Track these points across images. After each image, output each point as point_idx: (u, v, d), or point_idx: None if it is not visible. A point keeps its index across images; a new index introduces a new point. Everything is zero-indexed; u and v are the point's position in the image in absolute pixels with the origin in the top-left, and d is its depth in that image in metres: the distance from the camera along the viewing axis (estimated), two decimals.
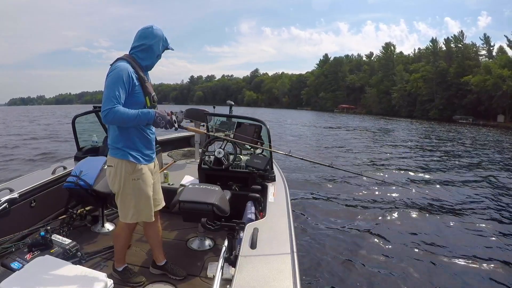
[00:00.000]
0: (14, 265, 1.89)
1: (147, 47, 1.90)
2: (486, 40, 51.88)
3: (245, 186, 2.97)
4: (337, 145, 13.76)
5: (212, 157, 3.13)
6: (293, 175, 7.02)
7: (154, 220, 2.03)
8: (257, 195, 2.44)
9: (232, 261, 1.80)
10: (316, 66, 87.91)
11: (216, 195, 2.27)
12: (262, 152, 3.27)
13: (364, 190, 6.30)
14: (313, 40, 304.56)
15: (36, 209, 2.63)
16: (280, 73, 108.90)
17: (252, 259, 1.51)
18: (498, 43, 62.37)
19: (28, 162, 8.66)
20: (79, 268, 1.73)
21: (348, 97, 73.69)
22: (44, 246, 2.03)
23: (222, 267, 1.75)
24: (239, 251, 1.63)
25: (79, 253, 2.13)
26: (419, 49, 67.89)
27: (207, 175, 3.11)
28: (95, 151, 3.45)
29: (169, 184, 3.32)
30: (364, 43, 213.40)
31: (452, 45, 53.17)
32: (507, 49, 47.22)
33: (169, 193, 2.53)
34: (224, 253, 1.89)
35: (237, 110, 6.24)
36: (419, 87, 53.03)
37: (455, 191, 6.67)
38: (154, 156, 2.05)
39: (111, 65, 1.84)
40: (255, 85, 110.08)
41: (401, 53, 69.96)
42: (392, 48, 69.28)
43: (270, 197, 2.47)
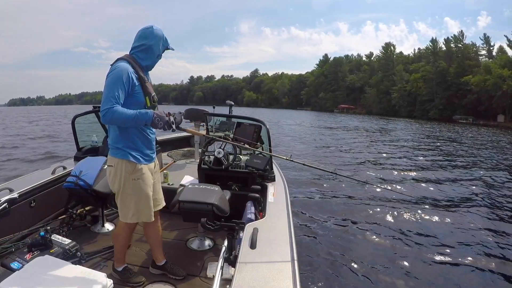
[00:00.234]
0: (14, 265, 1.89)
1: (147, 47, 1.90)
2: (486, 40, 51.95)
3: (244, 186, 2.97)
4: (338, 146, 13.75)
5: (212, 157, 3.13)
6: (293, 175, 7.02)
7: (154, 220, 2.03)
8: (257, 195, 2.44)
9: (231, 261, 1.80)
10: (316, 66, 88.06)
11: (215, 195, 2.27)
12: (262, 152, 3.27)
13: (364, 190, 6.29)
14: (313, 40, 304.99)
15: (36, 209, 2.62)
16: (280, 73, 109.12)
17: (252, 259, 1.51)
18: (498, 43, 62.45)
19: (28, 162, 8.66)
20: (79, 268, 1.73)
21: (348, 97, 73.67)
22: (44, 246, 2.03)
23: (222, 267, 1.74)
24: (238, 251, 1.63)
25: (78, 253, 2.14)
26: (419, 49, 68.09)
27: (206, 175, 3.11)
28: (94, 151, 3.45)
29: (168, 184, 3.32)
30: (363, 43, 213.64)
31: (452, 45, 53.18)
32: (507, 49, 47.39)
33: (169, 193, 2.53)
34: (223, 253, 1.88)
35: (237, 110, 6.24)
36: (419, 87, 53.05)
37: (459, 191, 6.64)
38: (154, 156, 2.05)
39: (112, 65, 1.84)
40: (255, 85, 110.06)
41: (401, 53, 70.09)
42: (392, 48, 69.38)
43: (270, 197, 2.46)
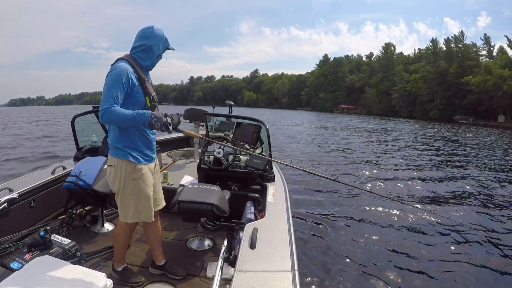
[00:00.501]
0: (14, 265, 1.89)
1: (147, 47, 1.90)
2: (487, 40, 51.99)
3: (244, 186, 2.97)
4: (338, 147, 13.73)
5: (211, 157, 3.13)
6: (292, 175, 7.00)
7: (154, 220, 2.03)
8: (257, 195, 2.44)
9: (231, 261, 1.81)
10: (316, 66, 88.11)
11: (215, 195, 2.27)
12: (262, 151, 3.27)
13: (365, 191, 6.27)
14: (313, 40, 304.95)
15: (36, 209, 2.62)
16: (280, 73, 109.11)
17: (252, 259, 1.51)
18: (498, 43, 62.50)
19: (28, 162, 8.65)
20: (79, 268, 1.73)
21: (348, 98, 73.68)
22: (43, 246, 2.03)
23: (222, 267, 1.74)
24: (238, 251, 1.63)
25: (78, 253, 2.14)
26: (419, 49, 68.08)
27: (206, 175, 3.12)
28: (94, 151, 3.46)
29: (168, 184, 3.32)
30: (363, 43, 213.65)
31: (452, 45, 53.20)
32: (507, 49, 47.41)
33: (169, 193, 2.53)
34: (223, 253, 1.88)
35: (236, 111, 6.23)
36: (419, 87, 53.08)
37: (459, 192, 6.63)
38: (154, 156, 2.05)
39: (112, 65, 1.85)
40: (255, 85, 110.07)
41: (401, 53, 70.13)
42: (392, 48, 69.41)
43: (270, 197, 2.46)
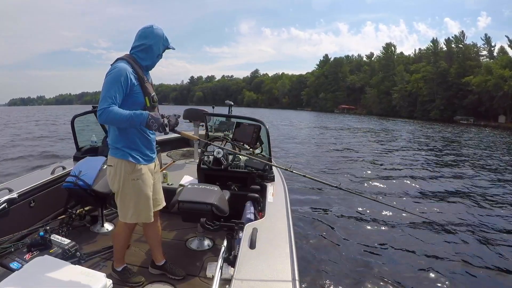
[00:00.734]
0: (13, 265, 1.89)
1: (147, 47, 1.89)
2: (487, 40, 51.96)
3: (244, 186, 2.97)
4: (338, 146, 13.74)
5: (211, 157, 3.13)
6: (292, 175, 6.97)
7: (153, 220, 2.03)
8: (256, 195, 2.44)
9: (231, 261, 1.81)
10: (316, 66, 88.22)
11: (215, 195, 2.27)
12: (261, 152, 3.27)
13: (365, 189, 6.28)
14: (313, 41, 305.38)
15: (35, 209, 2.62)
16: (280, 73, 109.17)
17: (251, 259, 1.51)
18: (498, 43, 62.25)
19: (27, 162, 8.65)
20: (78, 268, 1.72)
21: (348, 98, 73.69)
22: (43, 246, 2.03)
23: (221, 267, 1.74)
24: (238, 251, 1.63)
25: (78, 253, 2.13)
26: (419, 49, 68.05)
27: (206, 175, 3.11)
28: (94, 151, 3.45)
29: (168, 184, 3.32)
30: (364, 43, 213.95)
31: (453, 46, 53.20)
32: (508, 50, 47.36)
33: (168, 193, 2.53)
34: (223, 253, 1.88)
35: (236, 111, 6.21)
36: (420, 88, 53.07)
37: (461, 192, 6.62)
38: (154, 156, 2.04)
39: (111, 65, 1.84)
40: (255, 85, 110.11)
41: (401, 53, 70.08)
42: (392, 48, 69.41)
43: (269, 197, 2.46)
